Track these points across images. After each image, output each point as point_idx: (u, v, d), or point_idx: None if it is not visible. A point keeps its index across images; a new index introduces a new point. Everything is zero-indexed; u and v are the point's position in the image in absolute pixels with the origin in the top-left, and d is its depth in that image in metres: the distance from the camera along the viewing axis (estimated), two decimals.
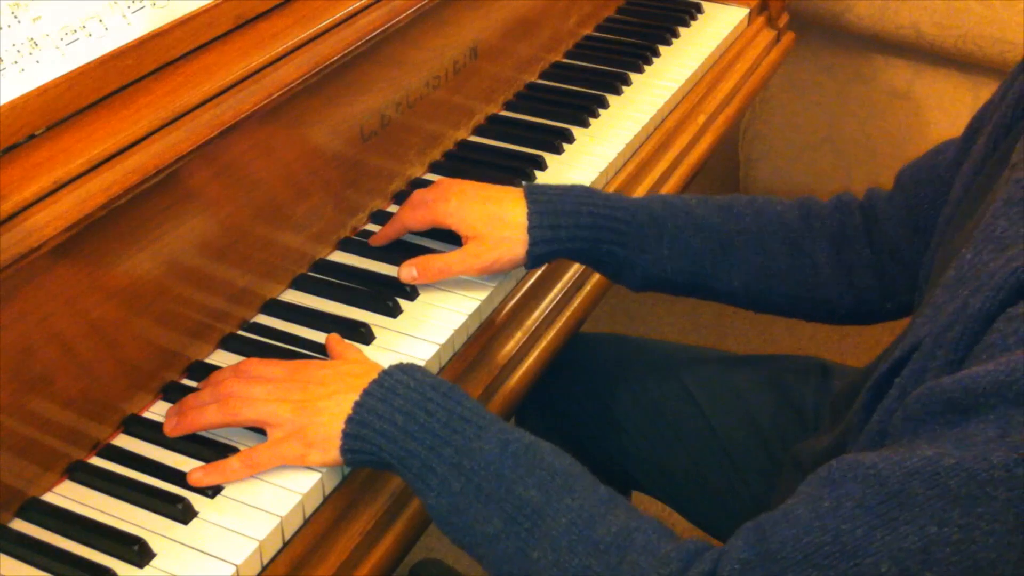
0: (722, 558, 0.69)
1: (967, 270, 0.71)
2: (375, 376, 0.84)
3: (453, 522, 0.79)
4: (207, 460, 0.88)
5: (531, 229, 1.02)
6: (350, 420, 0.83)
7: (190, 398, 0.91)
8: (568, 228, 1.03)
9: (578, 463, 0.80)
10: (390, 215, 1.18)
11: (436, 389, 0.83)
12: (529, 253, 1.03)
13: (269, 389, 0.88)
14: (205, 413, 0.88)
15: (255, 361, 0.93)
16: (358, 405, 0.83)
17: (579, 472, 0.78)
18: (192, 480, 0.86)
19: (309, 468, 0.87)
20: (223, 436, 0.90)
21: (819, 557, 0.64)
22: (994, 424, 0.62)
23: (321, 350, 0.99)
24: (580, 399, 1.21)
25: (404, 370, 0.85)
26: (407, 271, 1.06)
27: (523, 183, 1.09)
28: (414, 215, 1.09)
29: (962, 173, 0.88)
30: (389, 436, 0.81)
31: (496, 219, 1.03)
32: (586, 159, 1.30)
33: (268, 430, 0.87)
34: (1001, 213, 0.71)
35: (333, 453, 0.84)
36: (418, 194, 1.09)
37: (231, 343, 1.01)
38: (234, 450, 0.89)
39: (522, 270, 1.12)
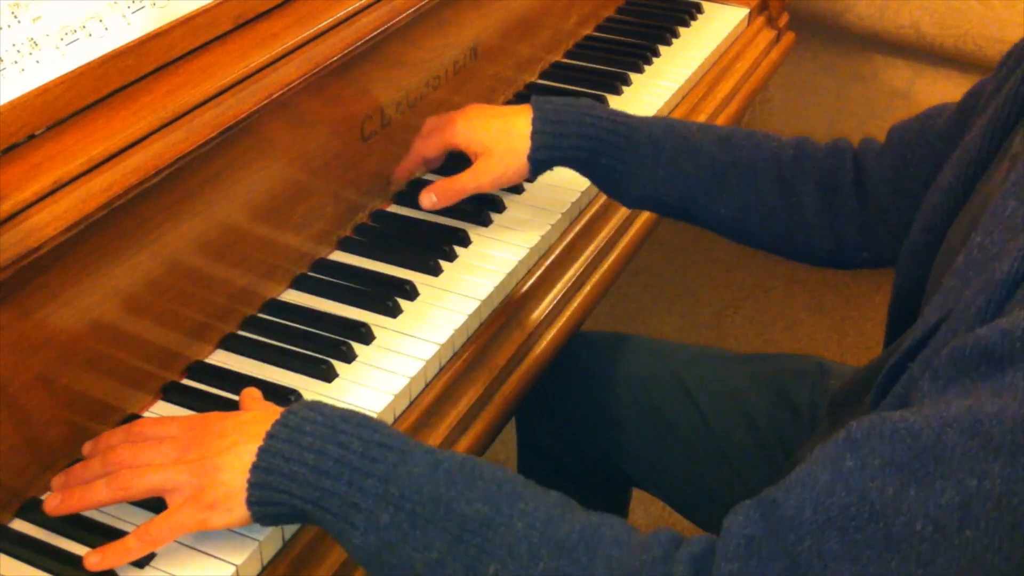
0: (722, 537, 0.63)
1: (977, 253, 0.69)
2: (276, 416, 0.77)
3: (385, 560, 0.71)
4: None
5: (533, 134, 1.06)
6: (255, 468, 0.74)
7: (77, 468, 0.83)
8: (569, 136, 1.06)
9: (512, 472, 0.73)
10: (390, 215, 1.19)
11: (347, 420, 0.75)
12: (530, 158, 1.07)
13: (163, 451, 0.79)
14: (92, 491, 0.80)
15: (147, 421, 0.85)
16: (262, 451, 0.74)
17: (523, 481, 0.72)
18: (89, 565, 0.78)
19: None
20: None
21: (844, 519, 0.59)
22: None
23: (321, 349, 0.99)
24: (579, 398, 1.21)
25: (309, 406, 0.77)
26: (427, 198, 1.11)
27: (533, 96, 1.12)
28: (427, 143, 1.14)
29: (953, 162, 0.88)
30: (300, 479, 0.73)
31: (502, 132, 1.08)
32: None
33: (166, 498, 0.78)
34: (1011, 194, 0.69)
35: (238, 511, 0.75)
36: (429, 122, 1.15)
37: (231, 343, 1.01)
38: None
39: (523, 270, 1.13)
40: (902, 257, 0.92)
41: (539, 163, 1.08)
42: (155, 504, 0.84)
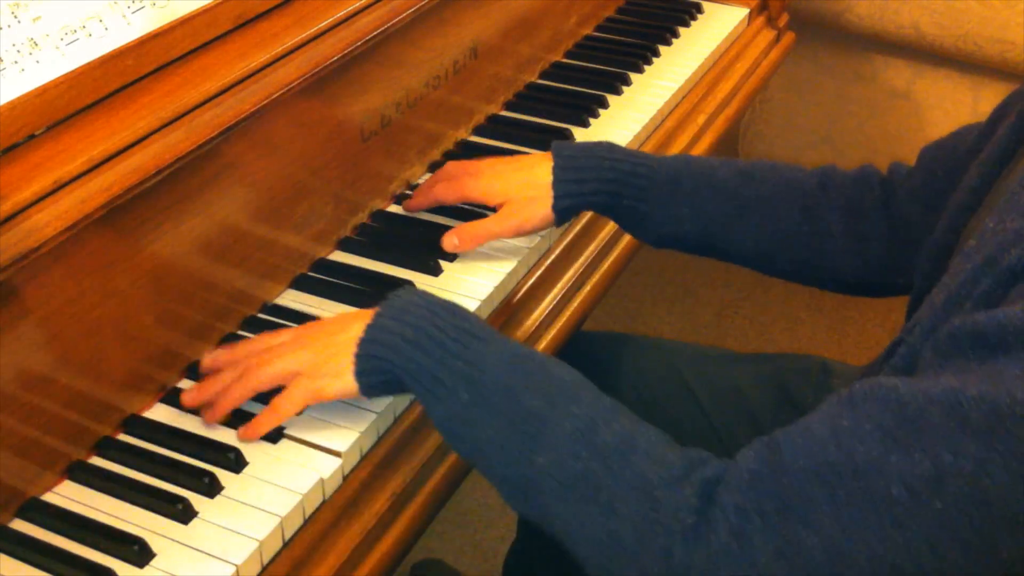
0: (731, 468, 0.69)
1: (989, 238, 0.71)
2: (384, 302, 0.86)
3: (460, 432, 0.80)
4: (206, 460, 0.89)
5: (555, 184, 1.07)
6: (362, 341, 0.84)
7: (209, 380, 0.93)
8: (591, 182, 1.07)
9: (586, 378, 0.80)
10: (390, 215, 1.19)
11: (445, 308, 0.84)
12: (554, 207, 1.08)
13: (283, 345, 0.90)
14: (231, 393, 0.90)
15: (265, 334, 0.94)
16: (369, 327, 0.84)
17: (586, 384, 0.79)
18: (241, 435, 0.90)
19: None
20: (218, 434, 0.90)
21: (830, 474, 0.64)
22: (1022, 363, 0.61)
23: None
24: None
25: (412, 291, 0.87)
26: (449, 241, 1.11)
27: (553, 141, 1.13)
28: (447, 190, 1.14)
29: (979, 161, 0.88)
30: (399, 350, 0.82)
31: (524, 183, 1.09)
32: None
33: (288, 382, 0.88)
34: None
35: (347, 379, 0.85)
36: (453, 167, 1.15)
37: (231, 343, 1.01)
38: (232, 448, 0.89)
39: (523, 270, 1.13)
40: (922, 257, 0.92)
41: (563, 211, 1.09)
42: (163, 510, 0.84)
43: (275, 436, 0.91)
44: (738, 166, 1.08)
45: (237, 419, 0.92)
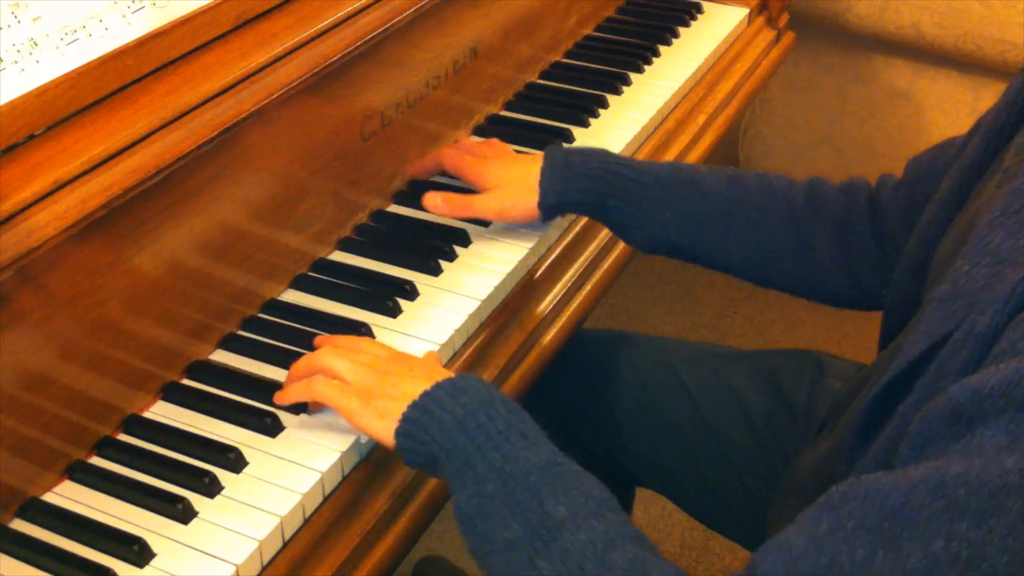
0: None
1: (963, 283, 0.68)
2: (452, 376, 0.85)
3: (476, 524, 0.77)
4: (206, 460, 0.89)
5: (542, 181, 1.10)
6: (414, 404, 0.83)
7: (295, 368, 0.94)
8: (577, 180, 1.09)
9: (616, 501, 0.76)
10: (390, 215, 1.19)
11: (504, 404, 0.82)
12: (540, 204, 1.10)
13: (365, 358, 0.90)
14: (312, 359, 0.92)
15: (367, 339, 0.97)
16: (426, 393, 0.83)
17: (614, 505, 0.76)
18: (276, 399, 0.92)
19: (326, 453, 0.87)
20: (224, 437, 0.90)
21: None
22: (1004, 430, 0.57)
23: None
24: (580, 397, 1.21)
25: (478, 379, 0.85)
26: (432, 200, 1.15)
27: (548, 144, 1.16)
28: (451, 158, 1.19)
29: (950, 174, 0.87)
30: (444, 426, 0.80)
31: (517, 176, 1.13)
32: None
33: (341, 382, 0.89)
34: (998, 223, 0.68)
35: (386, 428, 0.84)
36: (466, 143, 1.21)
37: (231, 343, 1.01)
38: (232, 449, 0.89)
39: (523, 270, 1.13)
40: (897, 271, 0.92)
41: (549, 208, 1.11)
42: (163, 510, 0.84)
43: (274, 432, 0.91)
44: (726, 173, 1.08)
45: (241, 414, 0.93)
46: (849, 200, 1.05)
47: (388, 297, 1.05)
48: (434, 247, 1.12)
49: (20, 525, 0.84)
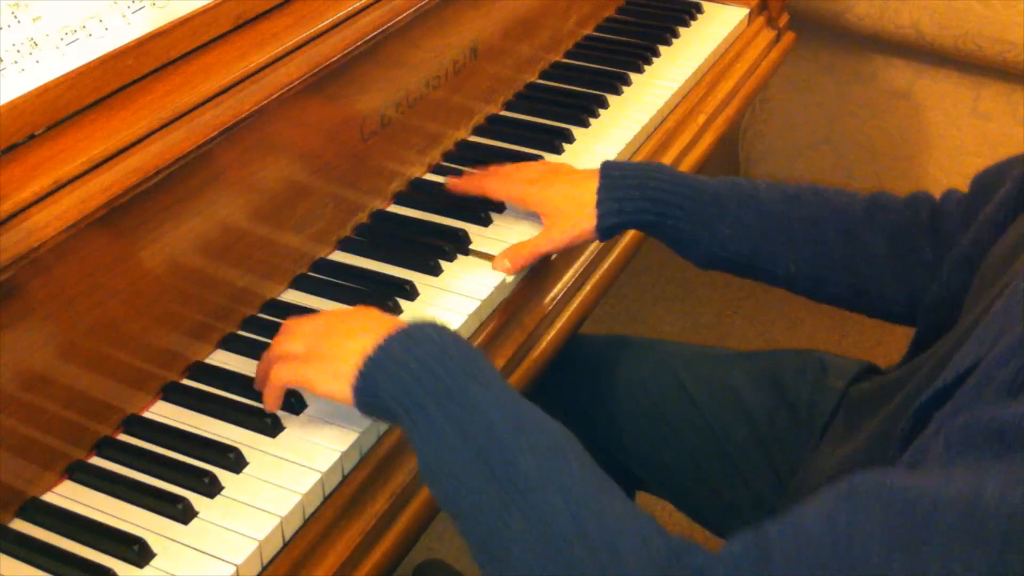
0: (717, 562, 0.64)
1: (1020, 300, 0.67)
2: (403, 325, 0.84)
3: (442, 481, 0.76)
4: (206, 460, 0.89)
5: (599, 203, 1.08)
6: (368, 359, 0.82)
7: (257, 374, 0.95)
8: (634, 200, 1.08)
9: (578, 441, 0.77)
10: (390, 215, 1.19)
11: (458, 347, 0.81)
12: (598, 227, 1.09)
13: (306, 328, 0.90)
14: (266, 388, 0.91)
15: (292, 320, 0.95)
16: (379, 347, 0.82)
17: (578, 452, 0.76)
18: (265, 407, 0.92)
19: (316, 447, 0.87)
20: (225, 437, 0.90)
21: (823, 573, 0.59)
22: None
23: None
24: (580, 401, 1.21)
25: (432, 325, 0.84)
26: (501, 263, 1.11)
27: (603, 161, 1.14)
28: (500, 186, 1.16)
29: (1013, 175, 0.86)
30: (400, 381, 0.80)
31: (572, 198, 1.11)
32: (586, 159, 1.30)
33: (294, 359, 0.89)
34: None
35: (343, 387, 0.83)
36: (509, 167, 1.18)
37: (231, 343, 1.01)
38: (232, 449, 0.89)
39: (522, 272, 1.13)
40: (945, 268, 0.91)
41: (607, 229, 1.10)
42: (163, 510, 0.84)
43: (273, 432, 0.91)
44: (784, 189, 1.08)
45: (241, 414, 0.93)
46: (911, 212, 1.04)
47: (388, 297, 1.05)
48: (434, 247, 1.12)
49: (20, 525, 0.84)
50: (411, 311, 1.05)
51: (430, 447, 0.77)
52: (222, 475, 0.87)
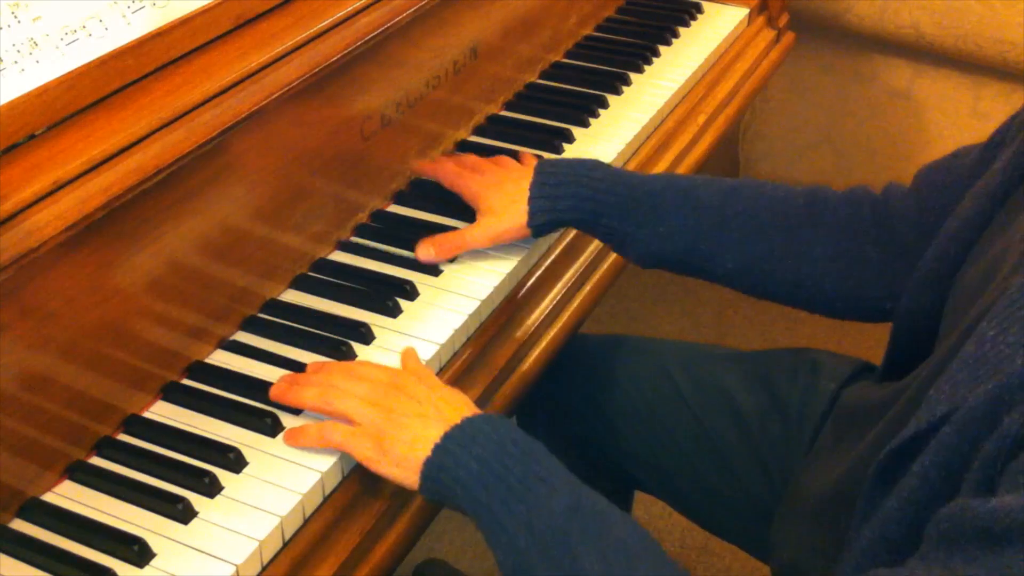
0: None
1: (989, 349, 0.66)
2: (463, 415, 0.85)
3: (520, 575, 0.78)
4: (206, 460, 0.89)
5: (531, 200, 1.09)
6: (428, 463, 0.83)
7: (301, 376, 0.95)
8: (566, 198, 1.08)
9: (647, 535, 0.78)
10: (390, 215, 1.19)
11: (516, 444, 0.82)
12: (529, 224, 1.09)
13: (366, 389, 0.90)
14: (305, 393, 0.92)
15: (363, 362, 0.97)
16: (437, 447, 0.83)
17: (645, 548, 0.77)
18: (287, 439, 0.91)
19: (311, 469, 0.88)
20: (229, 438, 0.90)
21: None
22: None
23: (321, 350, 0.99)
24: (578, 401, 1.21)
25: (488, 419, 0.85)
26: (425, 251, 1.11)
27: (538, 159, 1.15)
28: (450, 173, 1.18)
29: (976, 191, 0.86)
30: (463, 483, 0.81)
31: (507, 195, 1.11)
32: None
33: (353, 425, 0.89)
34: None
35: (410, 476, 0.85)
36: (471, 159, 1.20)
37: (231, 343, 1.01)
38: (232, 449, 0.89)
39: (523, 270, 1.13)
40: (913, 282, 0.90)
41: (538, 227, 1.10)
42: (163, 510, 0.84)
43: (273, 432, 0.91)
44: (722, 184, 1.07)
45: (241, 414, 0.93)
46: (851, 206, 1.03)
47: (388, 297, 1.05)
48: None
49: (20, 525, 0.84)
50: (411, 311, 1.05)
51: (503, 549, 0.79)
52: (222, 475, 0.87)
